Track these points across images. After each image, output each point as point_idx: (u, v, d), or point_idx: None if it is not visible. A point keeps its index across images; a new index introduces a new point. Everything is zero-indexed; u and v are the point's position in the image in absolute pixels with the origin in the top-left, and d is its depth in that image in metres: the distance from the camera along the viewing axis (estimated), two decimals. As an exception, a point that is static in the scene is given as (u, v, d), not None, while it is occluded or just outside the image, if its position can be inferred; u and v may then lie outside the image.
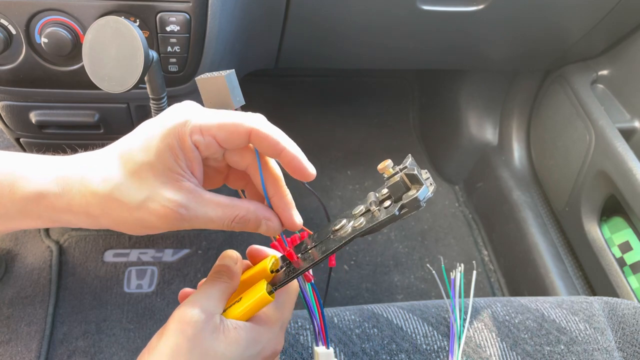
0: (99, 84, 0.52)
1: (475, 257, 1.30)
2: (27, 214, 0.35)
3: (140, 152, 0.34)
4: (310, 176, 0.37)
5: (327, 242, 0.39)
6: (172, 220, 0.35)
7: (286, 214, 0.39)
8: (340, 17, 0.84)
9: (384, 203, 0.38)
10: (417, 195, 0.34)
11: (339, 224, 0.40)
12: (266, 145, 0.35)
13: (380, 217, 0.36)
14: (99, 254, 1.14)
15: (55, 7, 0.59)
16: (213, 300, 0.37)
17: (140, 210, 0.34)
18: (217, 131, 0.34)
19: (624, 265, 0.98)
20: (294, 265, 0.40)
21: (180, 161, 0.34)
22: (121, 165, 0.34)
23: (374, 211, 0.38)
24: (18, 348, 0.99)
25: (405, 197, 0.35)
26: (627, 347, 0.62)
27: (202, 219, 0.35)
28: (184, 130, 0.34)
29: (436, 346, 0.58)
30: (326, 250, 0.38)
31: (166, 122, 0.35)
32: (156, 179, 0.34)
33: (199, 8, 0.62)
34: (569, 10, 0.91)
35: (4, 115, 0.74)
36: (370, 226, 0.37)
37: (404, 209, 0.35)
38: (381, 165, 0.38)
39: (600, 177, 1.00)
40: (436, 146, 1.49)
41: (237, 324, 0.37)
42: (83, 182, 0.34)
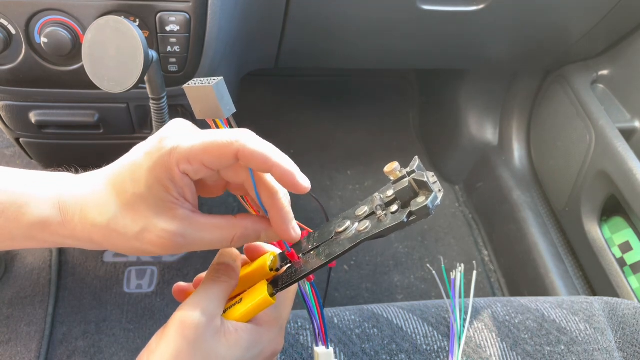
0: (99, 84, 0.52)
1: (476, 257, 1.30)
2: (32, 239, 0.36)
3: (130, 183, 0.34)
4: (304, 189, 0.36)
5: (330, 245, 0.39)
6: (170, 249, 0.35)
7: (283, 227, 0.38)
8: (340, 17, 0.84)
9: (390, 207, 0.37)
10: (427, 204, 0.34)
11: (343, 226, 0.39)
12: (255, 162, 0.34)
13: (387, 223, 0.36)
14: (99, 254, 1.14)
15: (55, 7, 0.59)
16: (214, 302, 0.37)
17: (137, 240, 0.34)
18: (204, 156, 0.33)
19: (624, 265, 0.98)
20: (295, 266, 0.40)
21: (171, 191, 0.34)
22: (115, 197, 0.34)
23: (379, 215, 0.37)
24: (18, 348, 0.99)
25: (413, 204, 0.35)
26: (628, 347, 0.62)
27: (201, 243, 0.36)
28: (171, 161, 0.33)
29: (436, 346, 0.58)
30: (330, 254, 0.38)
31: (152, 153, 0.34)
32: (149, 210, 0.34)
33: (199, 8, 0.62)
34: (569, 10, 0.90)
35: (3, 115, 0.74)
36: (376, 232, 0.36)
37: (412, 216, 0.35)
38: (388, 168, 0.37)
39: (601, 177, 1.00)
40: (436, 146, 1.49)
41: (238, 325, 0.37)
42: (82, 212, 0.35)
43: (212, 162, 0.34)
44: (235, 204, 1.28)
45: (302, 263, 0.40)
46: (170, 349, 0.35)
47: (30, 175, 0.37)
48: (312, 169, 1.41)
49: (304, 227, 0.41)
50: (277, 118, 1.52)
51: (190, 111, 0.77)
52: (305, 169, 0.35)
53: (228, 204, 1.28)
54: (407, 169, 0.37)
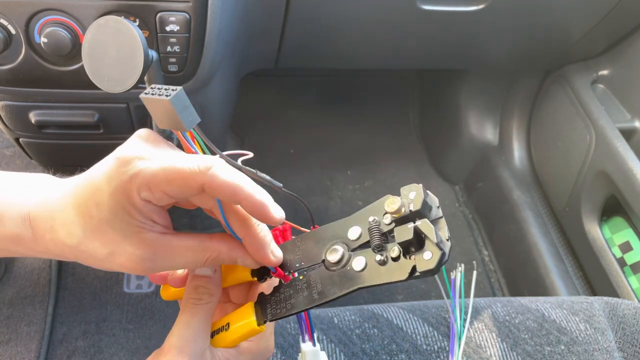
0: (99, 84, 0.51)
1: (476, 257, 1.30)
2: (8, 251, 0.36)
3: (94, 207, 0.32)
4: (278, 221, 0.34)
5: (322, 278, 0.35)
6: (140, 271, 0.34)
7: (261, 253, 0.36)
8: (340, 16, 0.84)
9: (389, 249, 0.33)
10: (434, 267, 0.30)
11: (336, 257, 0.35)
12: (223, 195, 0.32)
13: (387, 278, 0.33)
14: (99, 254, 1.14)
15: (54, 7, 0.59)
16: (200, 335, 0.36)
17: (108, 262, 0.33)
18: (167, 186, 0.31)
19: (624, 265, 0.98)
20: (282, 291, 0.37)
21: (135, 216, 0.32)
22: (80, 219, 0.33)
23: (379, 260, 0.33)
24: (18, 348, 0.99)
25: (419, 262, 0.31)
26: (628, 347, 0.62)
27: (172, 265, 0.34)
28: (131, 188, 0.31)
29: (436, 346, 0.58)
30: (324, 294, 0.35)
31: (111, 178, 0.32)
32: (116, 234, 0.32)
33: (199, 8, 0.62)
34: (569, 10, 0.90)
35: (3, 115, 0.74)
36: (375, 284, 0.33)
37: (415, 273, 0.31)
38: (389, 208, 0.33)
39: (601, 177, 1.00)
40: (436, 146, 1.49)
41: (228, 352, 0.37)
42: (52, 231, 0.34)
43: (175, 192, 0.32)
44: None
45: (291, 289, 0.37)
46: None
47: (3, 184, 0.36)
48: (312, 169, 1.41)
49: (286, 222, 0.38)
50: (277, 118, 1.52)
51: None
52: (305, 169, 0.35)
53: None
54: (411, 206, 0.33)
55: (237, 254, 0.36)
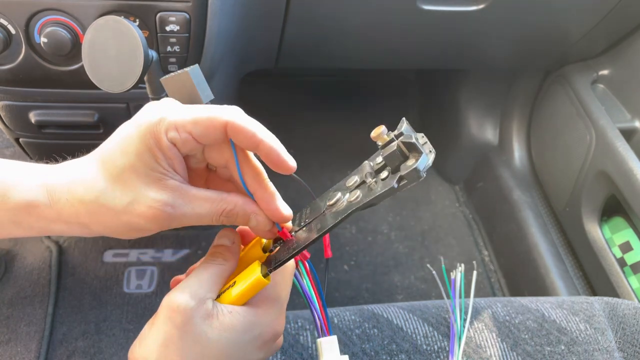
0: (99, 84, 0.51)
1: (476, 257, 1.30)
2: (19, 224, 0.35)
3: (120, 155, 0.34)
4: (290, 169, 0.37)
5: (322, 219, 0.37)
6: (160, 220, 0.34)
7: (272, 206, 0.37)
8: (340, 16, 0.84)
9: (380, 173, 0.35)
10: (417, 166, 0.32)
11: (334, 198, 0.37)
12: (243, 137, 0.34)
13: (377, 191, 0.34)
14: (99, 254, 1.14)
15: (54, 7, 0.59)
16: (205, 285, 0.36)
17: (127, 213, 0.34)
18: (193, 127, 0.34)
19: (625, 265, 0.98)
20: (287, 244, 0.38)
21: (160, 160, 0.34)
22: (104, 171, 0.34)
23: (370, 183, 0.35)
24: (17, 348, 0.99)
25: (403, 168, 0.33)
26: (628, 347, 0.62)
27: (190, 215, 0.35)
28: (159, 129, 0.33)
29: (436, 346, 0.58)
30: (322, 228, 0.36)
31: (141, 123, 0.34)
32: (139, 180, 0.33)
33: (198, 8, 0.62)
34: (569, 10, 0.90)
35: (3, 115, 0.74)
36: (367, 200, 0.35)
37: (402, 181, 0.33)
38: (374, 133, 0.35)
39: (601, 177, 1.00)
40: (436, 146, 1.47)
41: (232, 308, 0.36)
42: (70, 191, 0.34)
43: (200, 133, 0.34)
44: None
45: (295, 240, 0.38)
46: (159, 336, 0.34)
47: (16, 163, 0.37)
48: (312, 169, 1.41)
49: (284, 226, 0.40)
50: (277, 118, 1.51)
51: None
52: (305, 169, 0.35)
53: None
54: (394, 132, 0.35)
55: (251, 208, 0.37)
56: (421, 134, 0.36)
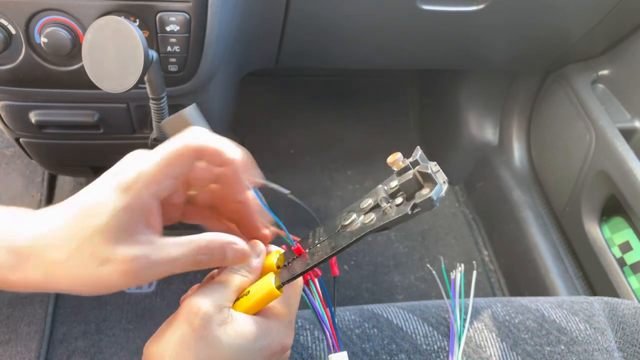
0: (99, 84, 0.51)
1: (476, 257, 1.30)
2: None
3: (94, 215, 0.33)
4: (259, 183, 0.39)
5: (336, 238, 0.39)
6: (134, 274, 0.34)
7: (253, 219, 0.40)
8: (340, 16, 0.84)
9: (394, 198, 0.37)
10: (432, 196, 0.34)
11: (349, 219, 0.39)
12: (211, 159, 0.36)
13: (391, 216, 0.36)
14: (99, 254, 1.14)
15: (55, 7, 0.59)
16: (225, 293, 0.37)
17: (99, 271, 0.33)
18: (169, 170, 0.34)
19: (624, 265, 0.98)
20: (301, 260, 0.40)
21: (135, 217, 0.34)
22: (75, 230, 0.34)
23: (384, 208, 0.37)
24: (18, 348, 0.99)
25: (418, 197, 0.35)
26: (628, 347, 0.62)
27: (165, 262, 0.35)
28: (139, 187, 0.34)
29: (436, 346, 0.58)
30: (336, 246, 0.38)
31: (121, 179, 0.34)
32: (110, 240, 0.33)
33: (199, 8, 0.62)
34: (569, 10, 0.90)
35: (3, 115, 0.74)
36: (381, 224, 0.36)
37: (416, 208, 0.35)
38: (391, 159, 0.37)
39: (601, 177, 1.00)
40: (436, 146, 1.49)
41: (247, 317, 0.37)
42: (39, 251, 0.34)
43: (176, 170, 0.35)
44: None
45: (308, 257, 0.39)
46: (176, 335, 0.36)
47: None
48: (312, 169, 1.41)
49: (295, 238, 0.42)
50: (277, 118, 1.52)
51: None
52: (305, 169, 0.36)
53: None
54: (410, 159, 0.37)
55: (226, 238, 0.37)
56: (434, 162, 0.38)
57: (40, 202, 1.19)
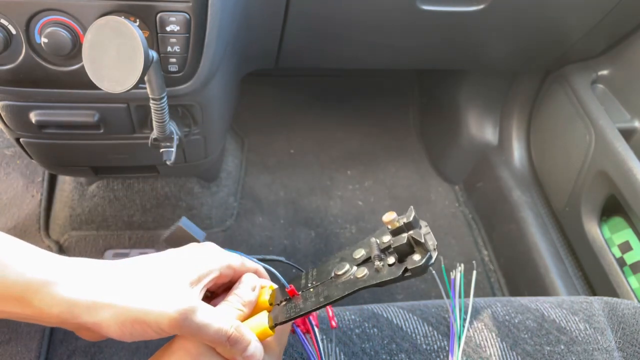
0: (99, 84, 0.52)
1: (475, 257, 1.30)
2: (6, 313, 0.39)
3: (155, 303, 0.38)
4: None
5: (329, 287, 0.41)
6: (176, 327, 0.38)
7: None
8: (340, 17, 0.84)
9: (387, 257, 0.39)
10: (422, 264, 0.36)
11: (342, 270, 0.41)
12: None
13: (384, 276, 0.38)
14: (99, 254, 1.14)
15: (55, 7, 0.59)
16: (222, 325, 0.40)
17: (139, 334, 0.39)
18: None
19: (624, 265, 0.98)
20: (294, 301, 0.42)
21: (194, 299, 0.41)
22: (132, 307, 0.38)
23: (377, 266, 0.39)
24: (18, 348, 0.99)
25: (410, 262, 0.37)
26: (627, 347, 0.62)
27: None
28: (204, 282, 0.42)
29: (436, 346, 0.58)
30: (328, 297, 0.40)
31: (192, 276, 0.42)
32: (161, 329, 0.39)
33: (199, 8, 0.62)
34: (569, 10, 0.90)
35: (4, 115, 0.74)
36: (374, 283, 0.38)
37: (407, 272, 0.37)
38: (386, 218, 0.39)
39: (600, 177, 1.00)
40: (436, 146, 1.49)
41: None
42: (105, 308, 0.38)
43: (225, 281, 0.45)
44: (236, 203, 1.28)
45: (301, 300, 0.42)
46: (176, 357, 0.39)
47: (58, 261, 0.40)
48: (312, 169, 1.41)
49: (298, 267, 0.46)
50: (277, 118, 1.52)
51: (191, 112, 0.77)
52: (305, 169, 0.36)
53: (228, 204, 1.28)
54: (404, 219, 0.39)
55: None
56: (424, 222, 0.40)
57: (40, 202, 1.20)
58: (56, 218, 1.19)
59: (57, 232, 1.16)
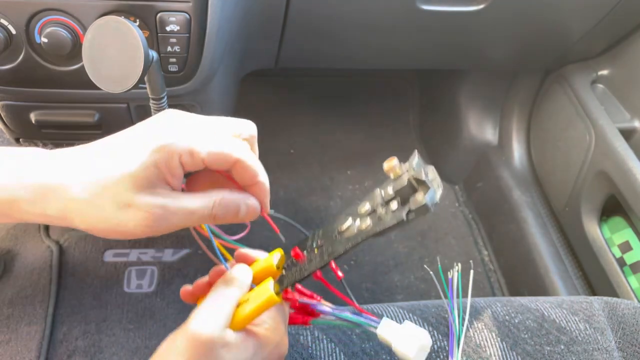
0: (99, 84, 0.52)
1: (475, 257, 1.30)
2: None
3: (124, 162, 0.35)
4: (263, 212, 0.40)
5: (333, 243, 0.39)
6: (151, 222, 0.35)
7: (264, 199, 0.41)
8: (340, 16, 0.84)
9: (390, 204, 0.37)
10: (426, 202, 0.34)
11: (345, 224, 0.39)
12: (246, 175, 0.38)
13: (387, 222, 0.36)
14: (99, 254, 1.14)
15: (55, 7, 0.59)
16: (224, 314, 0.38)
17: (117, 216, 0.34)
18: (206, 156, 0.36)
19: (624, 265, 0.98)
20: (299, 264, 0.40)
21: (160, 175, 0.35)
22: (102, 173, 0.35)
23: (380, 214, 0.37)
24: (18, 348, 0.99)
25: (412, 202, 0.35)
26: (627, 347, 0.62)
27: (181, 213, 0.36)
28: (173, 150, 0.35)
29: (436, 346, 0.58)
30: (333, 252, 0.38)
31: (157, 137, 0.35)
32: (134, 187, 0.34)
33: (199, 8, 0.62)
34: (569, 10, 0.91)
35: (4, 115, 0.74)
36: (377, 230, 0.37)
37: (411, 214, 0.35)
38: (387, 166, 0.37)
39: (600, 177, 1.00)
40: (436, 146, 1.49)
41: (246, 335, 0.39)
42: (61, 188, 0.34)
43: (211, 162, 0.37)
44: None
45: (307, 261, 0.40)
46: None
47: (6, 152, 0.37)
48: (312, 169, 1.41)
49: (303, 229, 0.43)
50: (277, 118, 1.52)
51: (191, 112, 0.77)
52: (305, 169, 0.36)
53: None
54: (406, 164, 0.37)
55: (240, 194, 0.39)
56: (431, 166, 0.38)
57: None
58: (56, 218, 1.19)
59: (57, 232, 1.16)
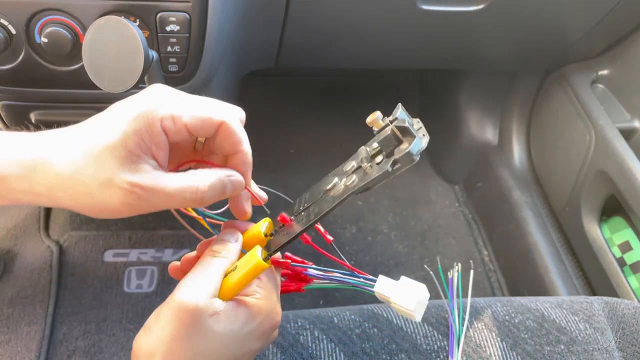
0: (99, 84, 0.52)
1: (475, 257, 1.30)
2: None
3: (105, 134, 0.34)
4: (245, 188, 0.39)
5: (319, 203, 0.38)
6: (130, 201, 0.34)
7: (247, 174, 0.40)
8: (340, 16, 0.84)
9: (375, 158, 0.36)
10: (410, 150, 0.33)
11: (331, 183, 0.39)
12: (230, 141, 0.37)
13: (372, 175, 0.35)
14: (99, 254, 1.14)
15: (55, 7, 0.59)
16: (211, 282, 0.37)
17: (99, 192, 0.34)
18: (189, 121, 0.35)
19: (624, 265, 0.98)
20: (286, 228, 0.40)
21: (142, 144, 0.34)
22: (85, 147, 0.34)
23: (365, 168, 0.36)
24: (18, 348, 0.99)
25: (397, 152, 0.34)
26: (627, 347, 0.62)
27: (160, 194, 0.35)
28: (155, 116, 0.34)
29: (436, 346, 0.58)
30: (319, 212, 0.38)
31: (137, 106, 0.35)
32: (116, 161, 0.34)
33: (199, 8, 0.62)
34: (569, 10, 0.91)
35: (3, 115, 0.74)
36: (362, 184, 0.36)
37: (396, 164, 0.34)
38: (370, 118, 0.36)
39: (600, 177, 1.00)
40: (436, 146, 1.49)
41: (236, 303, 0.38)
42: (46, 163, 0.34)
43: (195, 127, 0.36)
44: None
45: (294, 225, 0.39)
46: (166, 332, 0.35)
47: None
48: (312, 169, 1.41)
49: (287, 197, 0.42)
50: (277, 118, 1.52)
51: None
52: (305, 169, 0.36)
53: (228, 203, 1.28)
54: (390, 117, 0.36)
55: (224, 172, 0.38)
56: (417, 119, 0.36)
57: (41, 202, 1.20)
58: (56, 218, 1.19)
59: (57, 232, 1.16)
